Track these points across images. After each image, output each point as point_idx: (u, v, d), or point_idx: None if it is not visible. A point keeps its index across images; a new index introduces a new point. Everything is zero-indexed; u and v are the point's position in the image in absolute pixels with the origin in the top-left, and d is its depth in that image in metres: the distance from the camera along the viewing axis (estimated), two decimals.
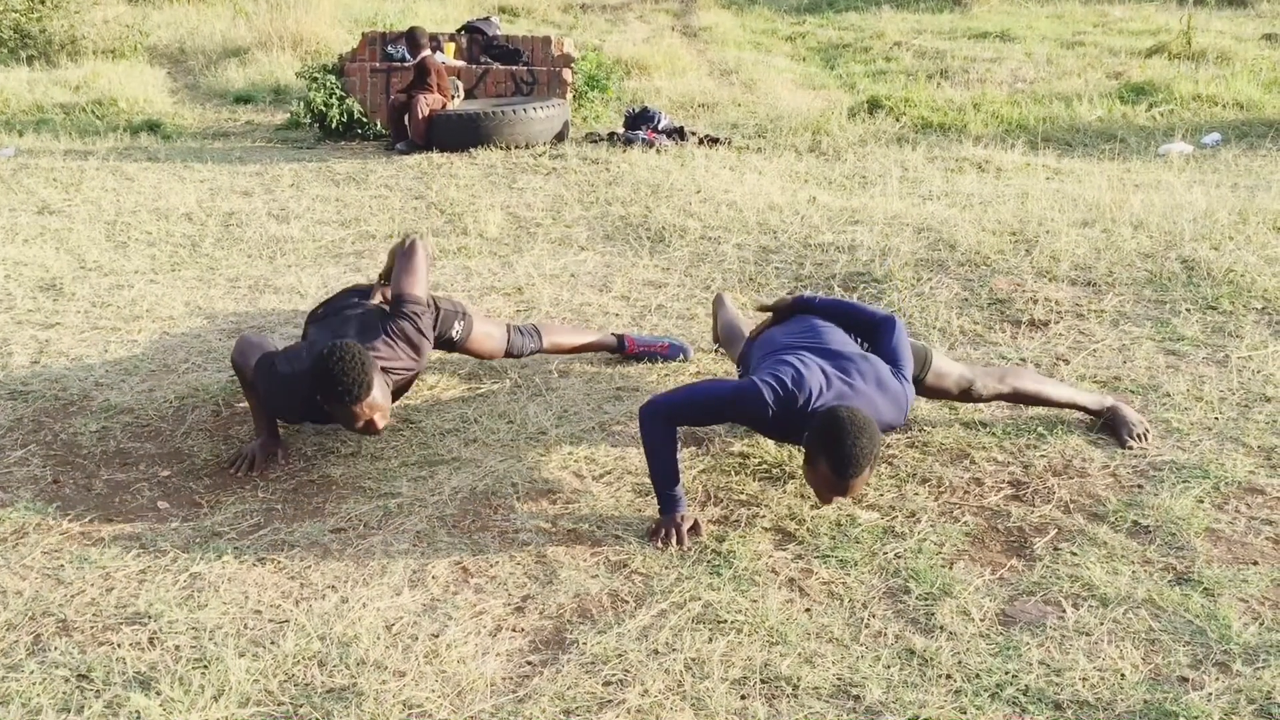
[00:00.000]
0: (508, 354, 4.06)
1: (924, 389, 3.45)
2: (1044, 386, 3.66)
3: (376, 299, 3.88)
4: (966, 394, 3.52)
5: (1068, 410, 3.72)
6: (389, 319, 3.59)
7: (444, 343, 3.85)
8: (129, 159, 8.61)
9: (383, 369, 3.43)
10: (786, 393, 3.06)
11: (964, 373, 3.52)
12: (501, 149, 8.63)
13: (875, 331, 3.37)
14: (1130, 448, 3.50)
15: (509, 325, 4.08)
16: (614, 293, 5.22)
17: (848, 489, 2.94)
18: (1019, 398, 3.63)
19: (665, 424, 3.14)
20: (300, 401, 3.44)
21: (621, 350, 4.33)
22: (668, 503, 3.10)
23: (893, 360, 3.25)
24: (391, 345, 3.52)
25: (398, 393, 3.68)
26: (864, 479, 2.93)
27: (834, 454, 2.88)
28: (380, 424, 3.36)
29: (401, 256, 3.86)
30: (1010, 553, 3.00)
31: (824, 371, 3.13)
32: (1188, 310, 4.63)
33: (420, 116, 8.77)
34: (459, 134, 8.71)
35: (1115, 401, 3.68)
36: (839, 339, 3.37)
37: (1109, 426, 3.61)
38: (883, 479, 3.39)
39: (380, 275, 4.38)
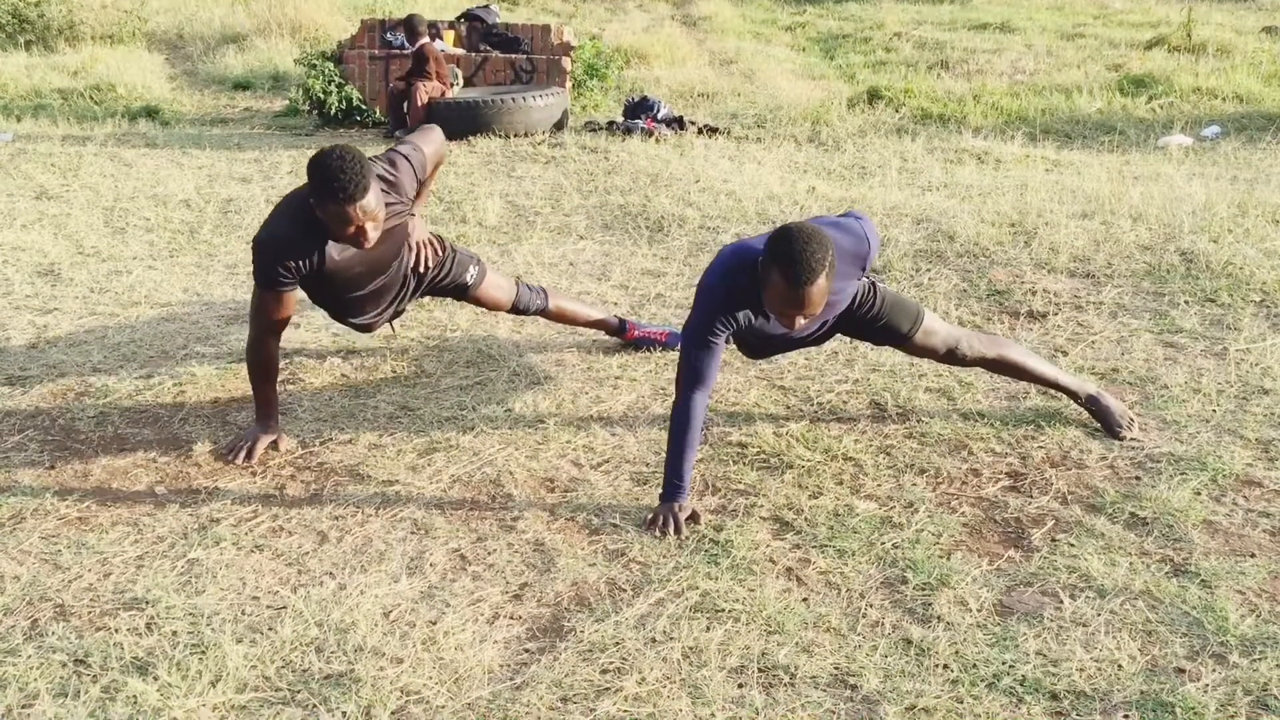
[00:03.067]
0: (513, 308, 4.05)
1: (913, 346, 3.46)
2: (1028, 359, 3.64)
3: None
4: (951, 354, 3.50)
5: (1066, 400, 3.72)
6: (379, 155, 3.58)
7: (457, 288, 3.86)
8: (127, 145, 8.59)
9: None
10: (731, 262, 3.09)
11: (952, 332, 3.51)
12: (500, 137, 8.62)
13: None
14: (1123, 439, 3.51)
15: (518, 280, 4.08)
16: (612, 281, 5.21)
17: (804, 300, 2.87)
18: (1001, 365, 3.60)
19: (690, 392, 3.10)
20: (295, 228, 3.32)
21: (622, 333, 4.32)
22: (671, 490, 3.10)
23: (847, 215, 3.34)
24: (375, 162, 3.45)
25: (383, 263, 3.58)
26: (820, 289, 2.87)
27: (784, 262, 2.84)
28: (371, 234, 3.25)
29: (420, 129, 3.87)
30: (1007, 543, 3.01)
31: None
32: (1186, 302, 4.63)
33: (419, 104, 8.76)
34: (458, 122, 8.69)
35: (1098, 390, 3.67)
36: None
37: (1095, 416, 3.61)
38: (880, 469, 3.39)
39: None
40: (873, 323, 3.41)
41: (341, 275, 3.48)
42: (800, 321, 2.97)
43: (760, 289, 2.99)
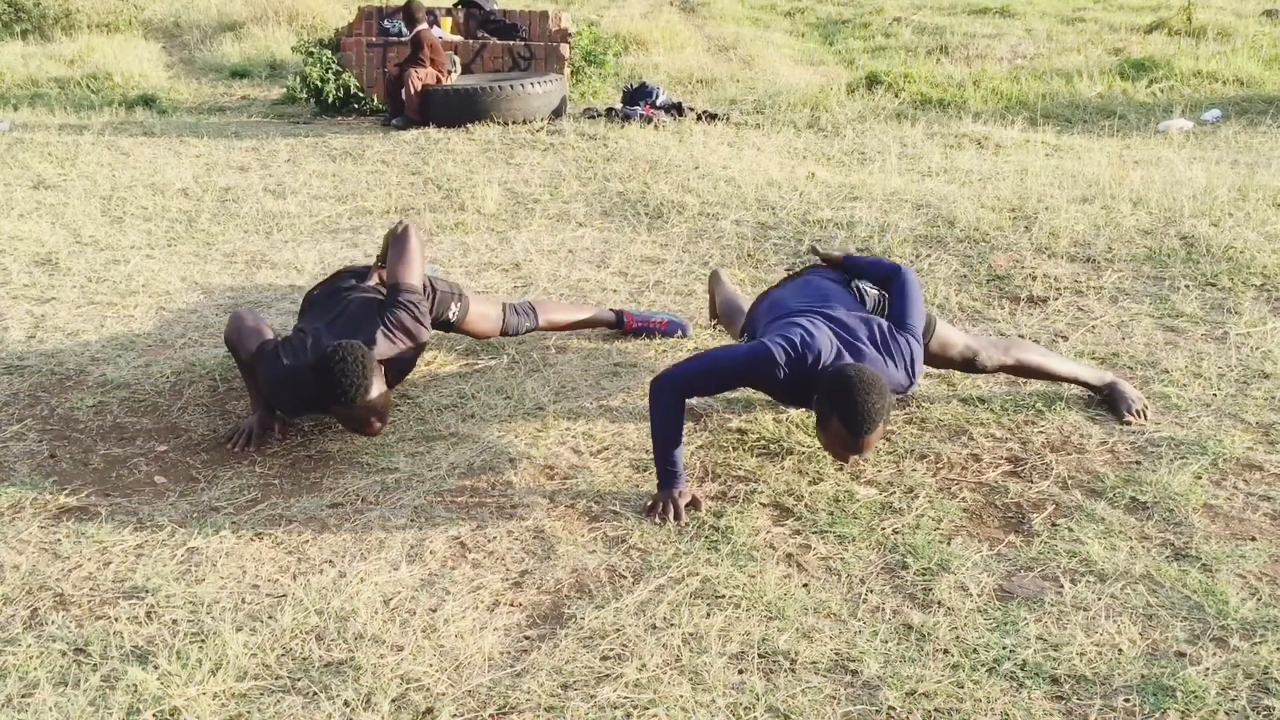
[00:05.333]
0: (503, 333, 4.11)
1: (929, 357, 3.44)
2: (1047, 360, 3.65)
3: (373, 280, 3.87)
4: (970, 364, 3.51)
5: (1067, 385, 3.72)
6: (386, 310, 3.59)
7: (441, 323, 3.92)
8: (124, 134, 8.56)
9: (384, 360, 3.49)
10: (797, 353, 3.09)
11: (969, 343, 3.51)
12: (499, 124, 8.59)
13: (887, 283, 3.46)
14: (1128, 423, 3.50)
15: (504, 305, 4.10)
16: (612, 269, 5.20)
17: (862, 446, 2.96)
18: (1022, 370, 3.62)
19: (676, 396, 3.14)
20: (301, 395, 3.45)
21: (620, 326, 4.32)
22: (667, 478, 3.10)
23: (899, 318, 3.30)
24: (391, 337, 3.55)
25: (400, 374, 3.71)
26: (878, 434, 2.95)
27: (846, 411, 2.90)
28: (377, 426, 3.39)
29: (395, 243, 3.85)
30: (1008, 528, 3.00)
31: (833, 334, 3.18)
32: (1187, 287, 4.62)
33: (412, 91, 8.74)
34: (456, 109, 8.66)
35: (1114, 377, 3.68)
36: (846, 303, 3.40)
37: (1108, 402, 3.61)
38: (881, 455, 3.39)
39: (377, 258, 4.37)
40: None
41: None
42: (855, 460, 3.09)
43: (820, 423, 3.03)
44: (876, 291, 3.48)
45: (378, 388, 3.33)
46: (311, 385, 3.36)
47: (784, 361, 3.09)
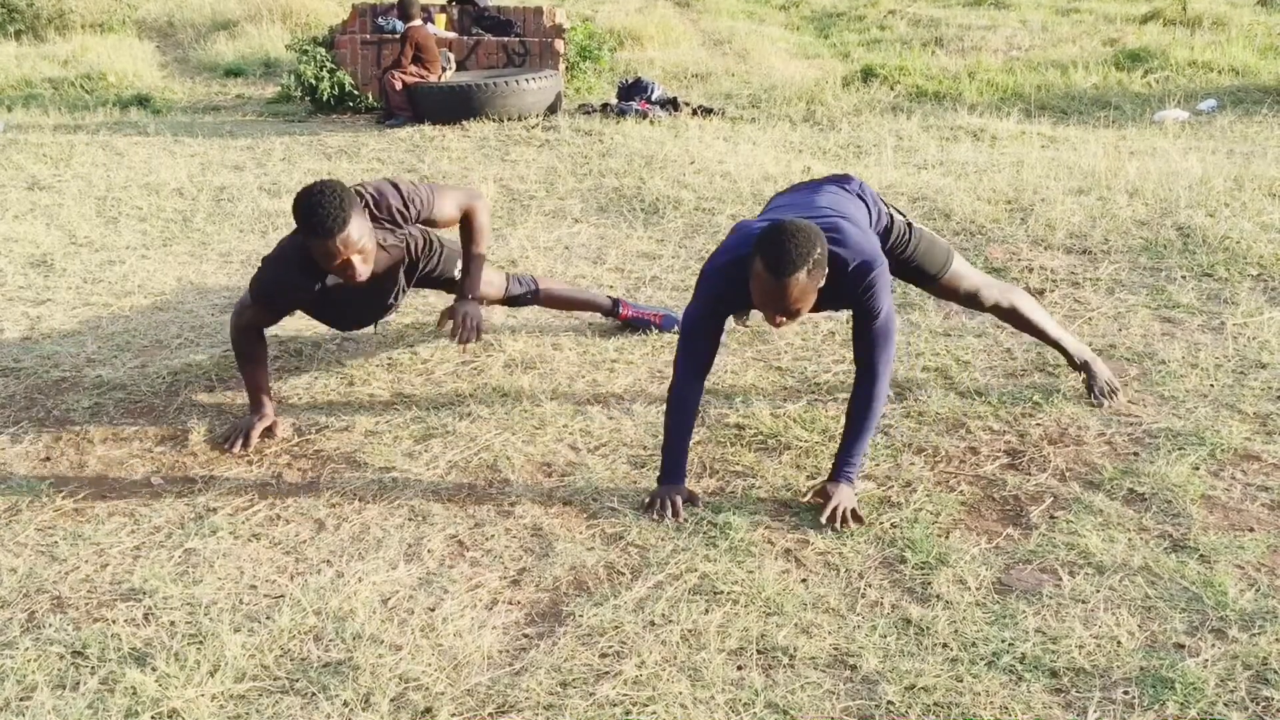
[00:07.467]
0: (503, 300, 4.09)
1: (938, 288, 3.51)
2: (1039, 315, 3.67)
3: None
4: (971, 298, 3.56)
5: (1064, 376, 3.72)
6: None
7: (445, 282, 3.90)
8: (119, 133, 8.55)
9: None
10: (735, 244, 3.05)
11: (975, 279, 3.56)
12: (494, 121, 8.58)
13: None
14: (1099, 405, 3.53)
15: (507, 273, 4.10)
16: (608, 265, 5.19)
17: (785, 292, 2.81)
18: (1015, 316, 3.63)
19: (690, 373, 3.08)
20: (291, 268, 3.40)
21: (615, 314, 4.31)
22: (668, 472, 3.08)
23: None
24: (360, 195, 3.44)
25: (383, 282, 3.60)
26: (800, 285, 2.81)
27: (768, 253, 2.81)
28: (360, 268, 3.27)
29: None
30: (1006, 521, 3.00)
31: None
32: (1183, 277, 4.62)
33: (394, 90, 8.74)
34: (451, 106, 8.66)
35: (1093, 357, 3.68)
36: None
37: (1085, 383, 3.63)
38: (878, 449, 3.39)
39: None
40: (906, 263, 3.44)
41: (338, 301, 3.57)
42: (782, 320, 2.92)
43: (751, 278, 2.93)
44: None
45: (358, 223, 3.22)
46: (298, 256, 3.33)
47: (726, 261, 3.03)
